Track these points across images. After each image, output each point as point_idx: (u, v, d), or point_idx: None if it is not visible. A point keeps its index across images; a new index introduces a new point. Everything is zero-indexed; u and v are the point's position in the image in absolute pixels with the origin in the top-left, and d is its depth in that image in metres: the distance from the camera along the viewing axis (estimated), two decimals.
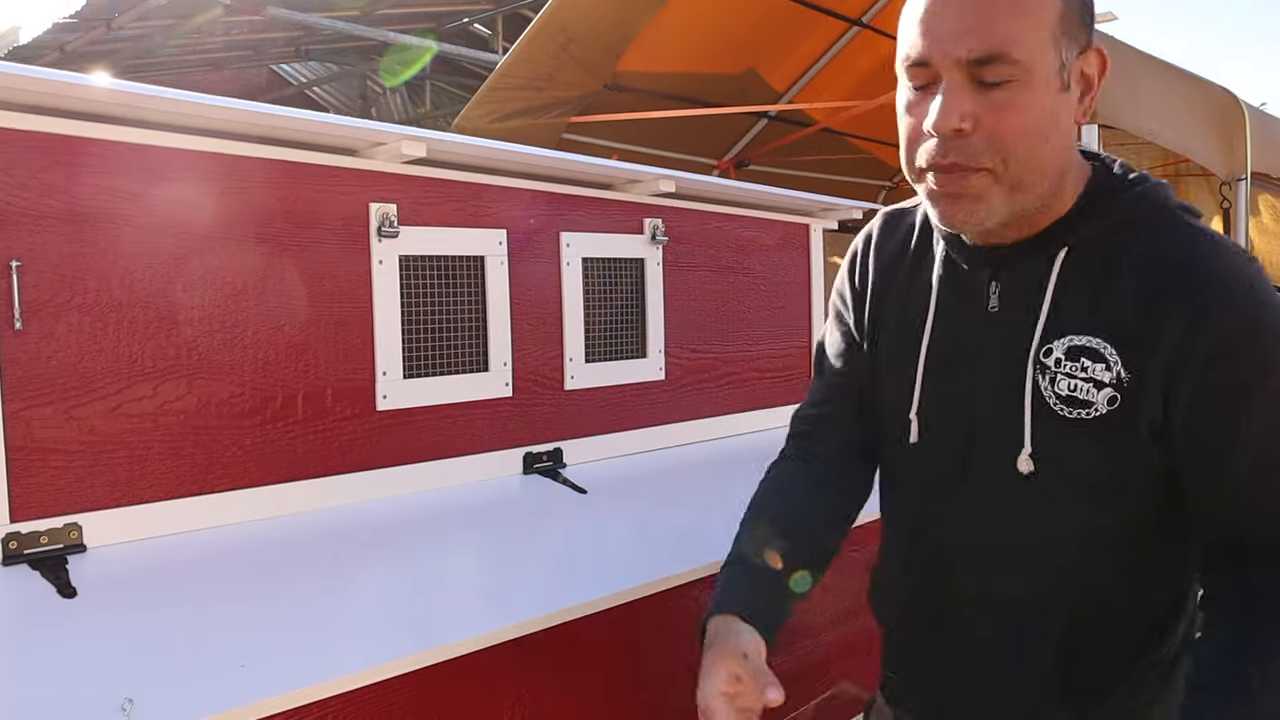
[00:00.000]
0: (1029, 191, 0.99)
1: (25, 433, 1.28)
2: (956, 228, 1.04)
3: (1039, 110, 0.96)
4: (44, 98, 1.26)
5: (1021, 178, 0.98)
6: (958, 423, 1.11)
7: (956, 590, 1.15)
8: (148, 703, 1.04)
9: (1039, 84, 0.95)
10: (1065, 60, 0.96)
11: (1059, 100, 0.97)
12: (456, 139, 1.63)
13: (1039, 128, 0.96)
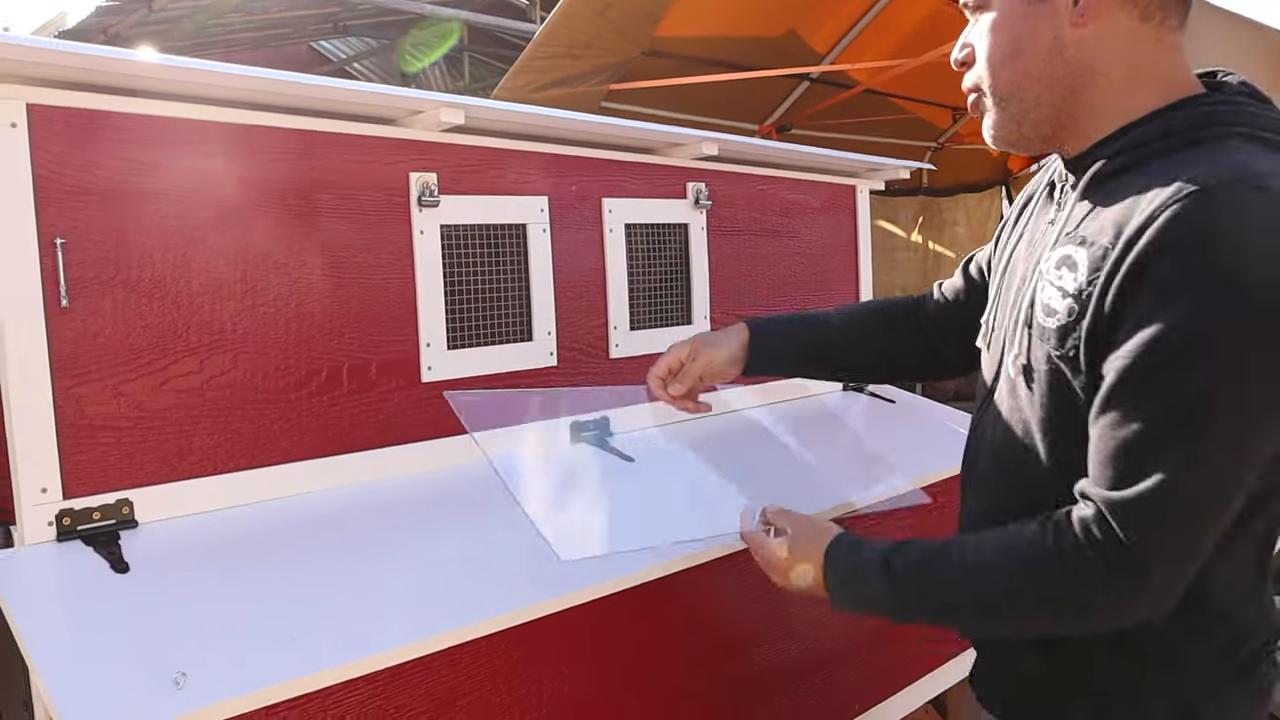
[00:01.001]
0: (1017, 102, 1.06)
1: (75, 410, 1.28)
2: (989, 143, 1.13)
3: (1003, 28, 1.05)
4: (83, 73, 1.26)
5: (1001, 91, 1.07)
6: (999, 328, 1.17)
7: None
8: (200, 675, 1.04)
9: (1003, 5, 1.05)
10: None
11: (1032, 12, 1.03)
12: (495, 105, 1.61)
13: (1006, 44, 1.05)
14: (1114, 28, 1.02)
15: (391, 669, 1.19)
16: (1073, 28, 1.02)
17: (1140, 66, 1.02)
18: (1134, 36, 1.02)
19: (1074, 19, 1.02)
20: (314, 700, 1.13)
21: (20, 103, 1.24)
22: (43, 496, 1.25)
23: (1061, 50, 1.03)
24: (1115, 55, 1.02)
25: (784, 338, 1.48)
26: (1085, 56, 1.03)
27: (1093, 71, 1.03)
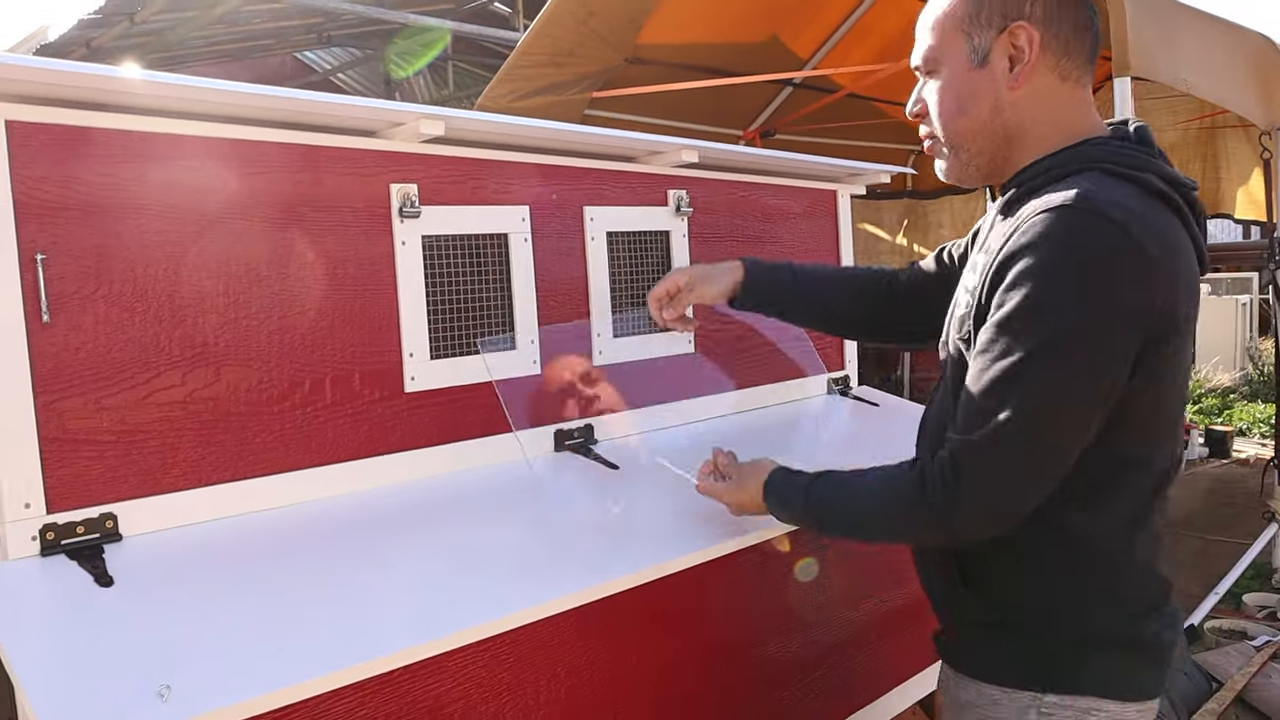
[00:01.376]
0: (965, 150, 1.32)
1: (58, 424, 1.28)
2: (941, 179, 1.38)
3: (952, 89, 1.30)
4: (62, 89, 1.26)
5: (951, 141, 1.32)
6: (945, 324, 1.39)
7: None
8: (185, 687, 1.04)
9: (951, 71, 1.30)
10: (978, 45, 1.27)
11: (975, 77, 1.28)
12: (474, 115, 1.62)
13: (954, 104, 1.30)
14: (1040, 89, 1.26)
15: (379, 677, 1.20)
16: (1009, 90, 1.26)
17: (1059, 118, 1.27)
18: (1055, 95, 1.27)
19: (1010, 84, 1.26)
20: (301, 710, 1.13)
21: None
22: (26, 511, 1.25)
23: (1000, 110, 1.28)
24: (1041, 111, 1.27)
25: (773, 287, 1.73)
26: (1018, 114, 1.27)
27: (1023, 125, 1.28)
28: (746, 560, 1.66)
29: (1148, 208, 1.16)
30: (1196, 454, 6.95)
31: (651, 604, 1.51)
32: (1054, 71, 1.26)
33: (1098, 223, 1.11)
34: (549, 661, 1.40)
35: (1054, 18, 1.25)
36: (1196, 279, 1.22)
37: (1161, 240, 1.14)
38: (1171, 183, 1.21)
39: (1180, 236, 1.19)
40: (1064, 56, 1.26)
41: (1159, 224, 1.15)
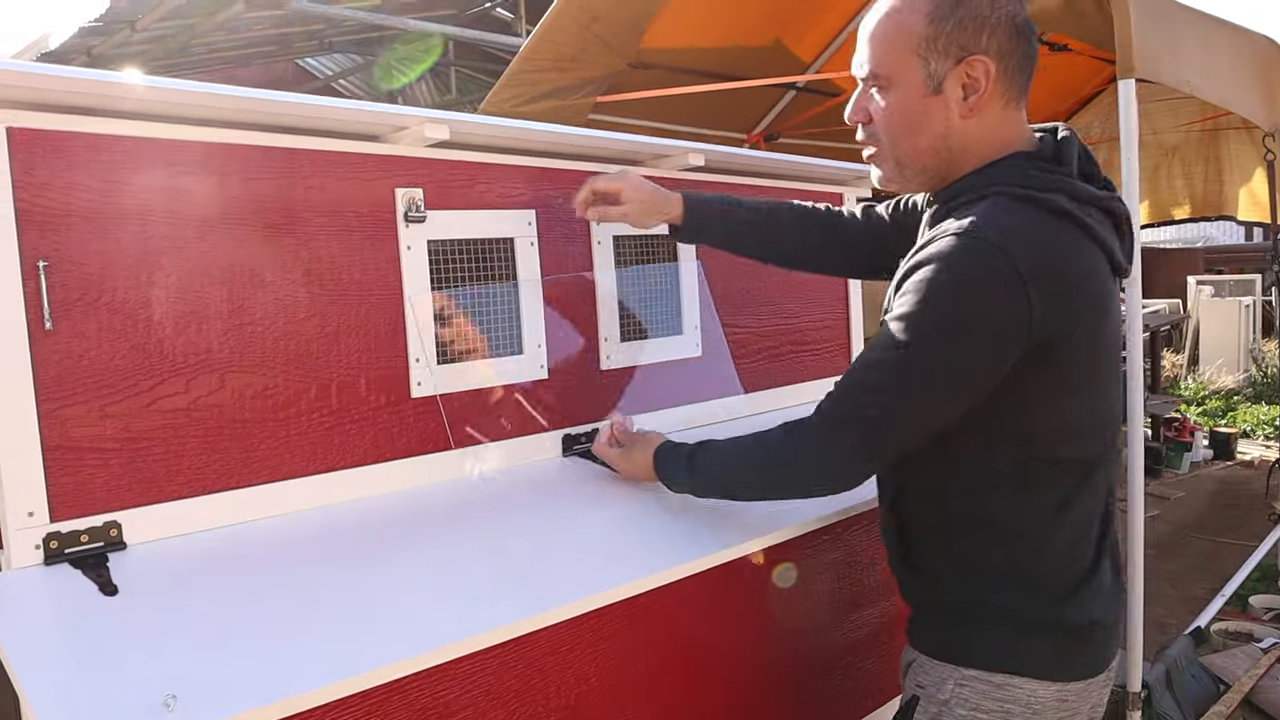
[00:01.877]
0: (911, 168, 1.39)
1: (61, 432, 1.27)
2: (875, 184, 1.47)
3: (904, 111, 1.35)
4: (63, 95, 1.25)
5: (899, 158, 1.39)
6: None
7: None
8: (191, 697, 1.03)
9: (904, 91, 1.35)
10: (934, 70, 1.32)
11: (929, 103, 1.33)
12: (479, 119, 1.61)
13: (905, 124, 1.36)
14: (988, 115, 1.34)
15: (387, 685, 1.18)
16: (960, 119, 1.33)
17: (996, 138, 1.35)
18: (998, 119, 1.34)
19: (963, 112, 1.33)
20: (308, 719, 1.12)
21: (0, 126, 1.24)
22: (29, 520, 1.24)
23: (948, 135, 1.35)
24: (986, 135, 1.35)
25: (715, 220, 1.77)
26: (965, 139, 1.35)
27: (966, 148, 1.35)
28: (755, 565, 1.65)
29: (1044, 230, 1.26)
30: (1201, 456, 6.93)
31: (659, 610, 1.50)
32: (1000, 99, 1.34)
33: (979, 248, 1.23)
34: (557, 668, 1.38)
35: (1007, 52, 1.32)
36: (1104, 289, 1.31)
37: (1048, 261, 1.24)
38: (1081, 199, 1.30)
39: (1082, 252, 1.28)
40: (1010, 85, 1.34)
41: (1052, 245, 1.26)
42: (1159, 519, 5.51)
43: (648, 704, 1.51)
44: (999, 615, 1.36)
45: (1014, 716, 1.35)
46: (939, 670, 1.40)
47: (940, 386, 1.28)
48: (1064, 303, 1.24)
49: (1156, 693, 3.09)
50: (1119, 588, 1.43)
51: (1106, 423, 1.37)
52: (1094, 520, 1.38)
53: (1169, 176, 6.58)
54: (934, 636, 1.44)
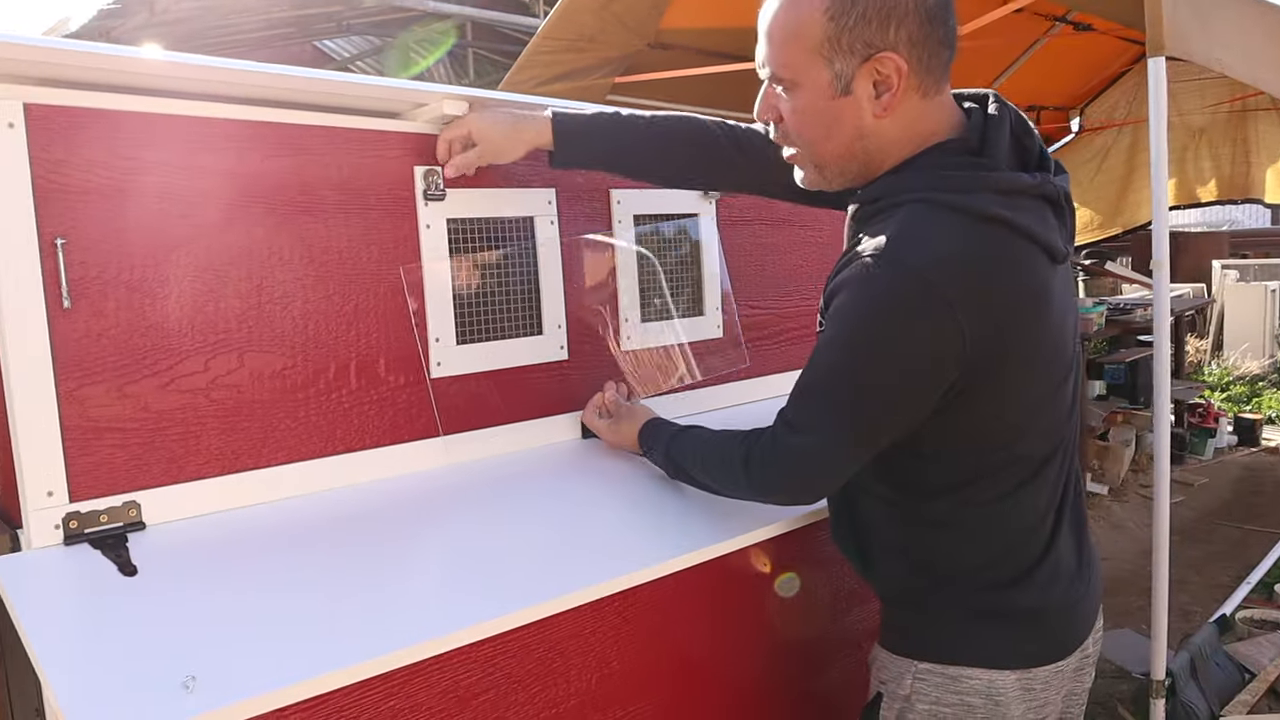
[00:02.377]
0: (830, 169, 1.33)
1: (80, 412, 1.26)
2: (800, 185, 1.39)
3: (813, 114, 1.28)
4: (81, 71, 1.24)
5: (816, 161, 1.33)
6: None
7: None
8: (210, 678, 1.02)
9: (811, 94, 1.26)
10: (840, 71, 1.23)
11: (839, 104, 1.26)
12: (500, 95, 1.59)
13: (815, 127, 1.29)
14: (905, 110, 1.26)
15: (408, 667, 1.17)
16: (874, 119, 1.26)
17: (918, 129, 1.27)
18: (918, 111, 1.27)
19: (876, 112, 1.25)
20: (329, 701, 1.11)
21: (17, 103, 1.22)
22: (49, 500, 1.24)
23: (864, 136, 1.27)
24: (905, 130, 1.27)
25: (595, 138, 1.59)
26: (882, 139, 1.28)
27: (884, 146, 1.28)
28: (778, 547, 1.63)
29: (967, 242, 1.19)
30: (1225, 442, 6.86)
31: (682, 593, 1.49)
32: (917, 91, 1.26)
33: (899, 280, 1.18)
34: (579, 651, 1.37)
35: (919, 40, 1.23)
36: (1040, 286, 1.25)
37: (974, 279, 1.18)
38: (1010, 191, 1.23)
39: (1012, 258, 1.22)
40: (926, 74, 1.25)
41: (977, 259, 1.19)
42: (1183, 505, 5.46)
43: (670, 687, 1.50)
44: (947, 607, 1.37)
45: (976, 710, 1.34)
46: (897, 665, 1.40)
47: (876, 419, 1.26)
48: (997, 317, 1.20)
49: (1181, 681, 3.07)
50: (1084, 568, 1.41)
51: (1056, 420, 1.34)
52: (1047, 510, 1.36)
53: (1195, 158, 6.50)
54: (891, 631, 1.44)
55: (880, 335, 1.21)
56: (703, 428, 1.54)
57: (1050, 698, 1.37)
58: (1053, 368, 1.31)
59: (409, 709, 1.19)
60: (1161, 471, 2.79)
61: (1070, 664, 1.38)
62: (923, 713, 1.37)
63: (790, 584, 1.69)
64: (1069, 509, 1.40)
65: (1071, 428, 1.38)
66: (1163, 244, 2.75)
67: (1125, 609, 4.08)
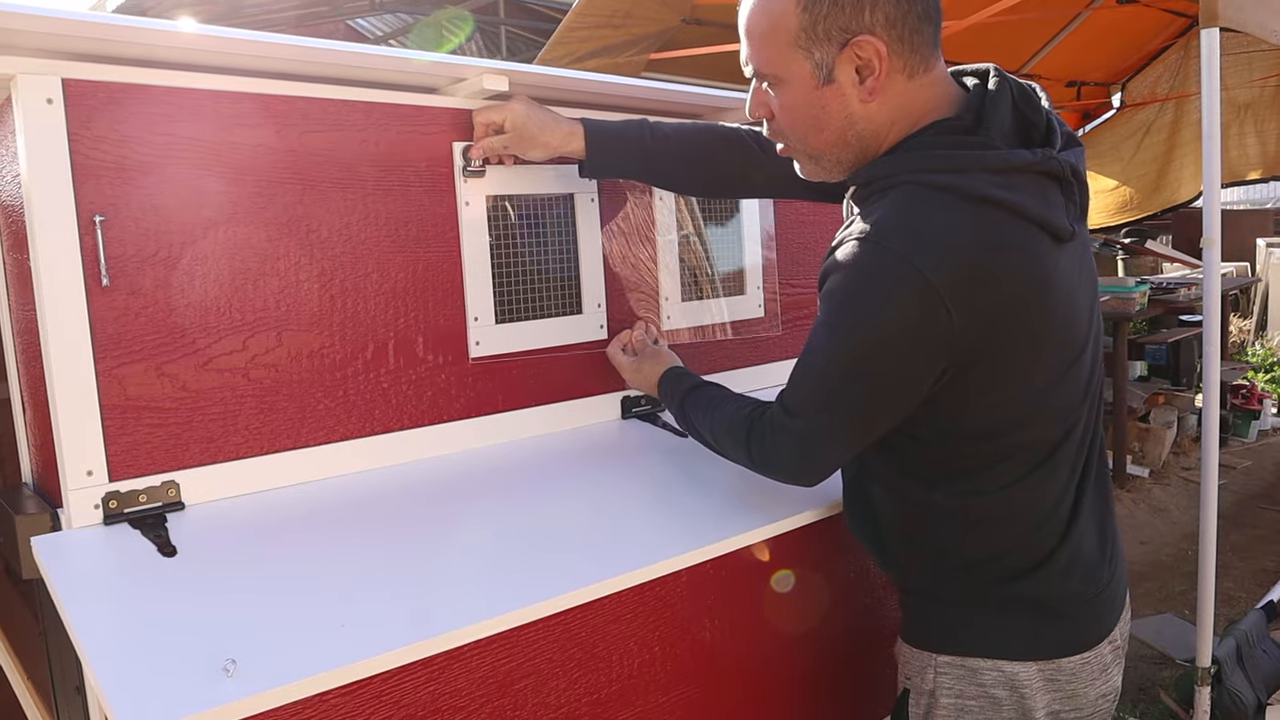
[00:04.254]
0: (827, 159, 1.31)
1: (119, 391, 1.25)
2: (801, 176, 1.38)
3: (802, 107, 1.26)
4: (119, 46, 1.22)
5: (810, 153, 1.31)
6: None
7: None
8: (250, 661, 1.01)
9: (796, 87, 1.25)
10: (820, 61, 1.22)
11: (824, 93, 1.24)
12: (539, 70, 1.56)
13: (804, 120, 1.27)
14: (893, 92, 1.23)
15: (448, 652, 1.15)
16: (861, 104, 1.24)
17: (909, 110, 1.25)
18: (905, 93, 1.24)
19: (862, 97, 1.23)
20: (368, 686, 1.10)
21: (55, 78, 1.21)
22: (88, 480, 1.23)
23: (853, 123, 1.25)
24: (894, 113, 1.25)
25: (626, 151, 1.60)
26: (872, 123, 1.26)
27: (877, 131, 1.26)
28: (818, 532, 1.60)
29: (957, 225, 1.15)
30: (1269, 424, 6.74)
31: (724, 578, 1.46)
32: (902, 72, 1.23)
33: (885, 263, 1.15)
34: (621, 636, 1.35)
35: (895, 21, 1.19)
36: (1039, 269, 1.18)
37: (963, 265, 1.14)
38: (1006, 169, 1.18)
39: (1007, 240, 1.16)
40: (910, 54, 1.22)
41: (967, 243, 1.15)
42: (1226, 489, 5.37)
43: (711, 672, 1.48)
44: (962, 598, 1.34)
45: (1003, 703, 1.31)
46: (919, 659, 1.38)
47: (865, 407, 1.24)
48: (989, 304, 1.15)
49: (1227, 668, 3.01)
50: (1108, 556, 1.36)
51: (1066, 404, 1.28)
52: (1062, 497, 1.31)
53: (1240, 134, 6.35)
54: (910, 623, 1.41)
55: (867, 320, 1.18)
56: (719, 388, 1.52)
57: (1081, 689, 1.32)
58: (1061, 352, 1.25)
59: (449, 694, 1.18)
60: (1209, 456, 2.73)
61: (1102, 655, 1.34)
62: (949, 707, 1.34)
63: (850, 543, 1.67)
64: (1089, 495, 1.35)
65: (1089, 410, 1.32)
66: (1214, 221, 2.67)
67: (1167, 594, 4.02)
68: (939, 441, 1.28)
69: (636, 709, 1.37)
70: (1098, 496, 1.37)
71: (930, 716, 1.36)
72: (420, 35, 9.37)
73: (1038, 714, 1.30)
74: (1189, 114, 6.10)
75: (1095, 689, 1.34)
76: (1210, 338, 2.73)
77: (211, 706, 0.95)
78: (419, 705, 1.14)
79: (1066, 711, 1.32)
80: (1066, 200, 1.23)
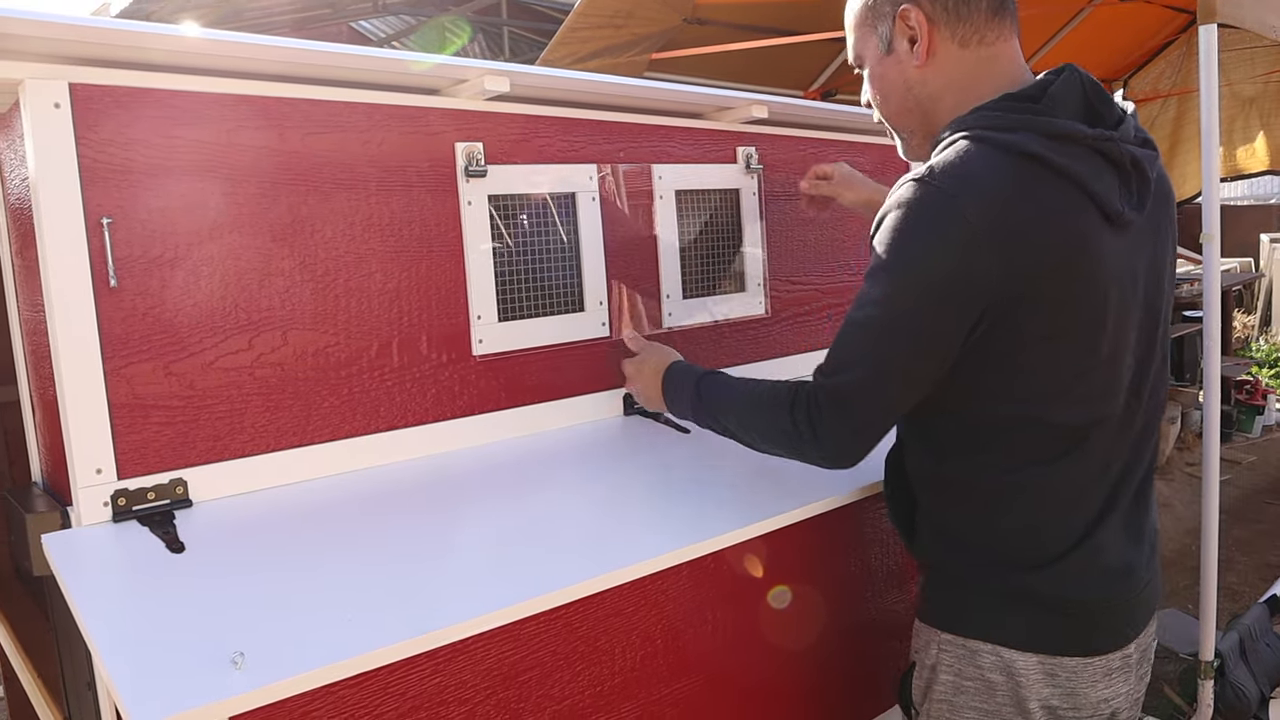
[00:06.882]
0: (904, 132, 1.43)
1: (128, 390, 1.27)
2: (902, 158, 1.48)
3: (875, 79, 1.41)
4: (125, 51, 1.24)
5: (894, 126, 1.44)
6: None
7: None
8: (259, 654, 1.03)
9: (871, 65, 1.41)
10: (883, 34, 1.36)
11: (886, 65, 1.38)
12: (540, 71, 1.57)
13: (880, 92, 1.41)
14: (943, 61, 1.33)
15: (453, 645, 1.17)
16: (916, 70, 1.35)
17: (965, 83, 1.33)
18: (959, 62, 1.33)
19: (915, 63, 1.34)
20: (375, 678, 1.11)
21: (63, 83, 1.23)
22: (97, 477, 1.25)
23: (911, 88, 1.37)
24: (948, 81, 1.34)
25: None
26: (929, 88, 1.35)
27: (934, 97, 1.35)
28: (819, 526, 1.61)
29: (999, 174, 1.19)
30: (1273, 419, 6.74)
31: (725, 570, 1.47)
32: (952, 41, 1.32)
33: (930, 195, 1.20)
34: (623, 629, 1.36)
35: None
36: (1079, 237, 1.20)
37: (1001, 210, 1.17)
38: (1057, 136, 1.22)
39: (1049, 197, 1.19)
40: (958, 24, 1.31)
41: (1007, 191, 1.18)
42: (1230, 484, 5.37)
43: (714, 665, 1.49)
44: (972, 580, 1.36)
45: (998, 689, 1.32)
46: (925, 634, 1.40)
47: (908, 347, 1.24)
48: (1022, 254, 1.18)
49: (1230, 662, 3.02)
50: (1137, 569, 1.34)
51: (1101, 393, 1.28)
52: (1086, 496, 1.30)
53: (1245, 129, 6.35)
54: (923, 599, 1.44)
55: (910, 254, 1.21)
56: (732, 376, 1.51)
57: (1082, 689, 1.30)
58: (1094, 332, 1.24)
59: (454, 685, 1.19)
60: (1211, 450, 2.74)
61: (1109, 662, 1.31)
62: (946, 684, 1.36)
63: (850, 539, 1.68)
64: (1125, 504, 1.33)
65: (1134, 414, 1.32)
66: (1213, 217, 2.68)
67: (1171, 589, 4.02)
68: (959, 406, 1.29)
69: (640, 701, 1.38)
70: (1137, 508, 1.35)
71: (930, 691, 1.39)
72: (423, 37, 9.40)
73: (1031, 705, 1.30)
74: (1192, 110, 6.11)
75: (1097, 692, 1.31)
76: (1210, 332, 2.74)
77: (221, 698, 0.97)
78: (425, 697, 1.16)
79: (1065, 709, 1.31)
80: (1122, 186, 1.25)
